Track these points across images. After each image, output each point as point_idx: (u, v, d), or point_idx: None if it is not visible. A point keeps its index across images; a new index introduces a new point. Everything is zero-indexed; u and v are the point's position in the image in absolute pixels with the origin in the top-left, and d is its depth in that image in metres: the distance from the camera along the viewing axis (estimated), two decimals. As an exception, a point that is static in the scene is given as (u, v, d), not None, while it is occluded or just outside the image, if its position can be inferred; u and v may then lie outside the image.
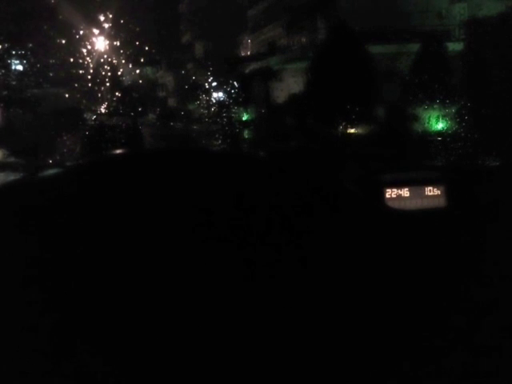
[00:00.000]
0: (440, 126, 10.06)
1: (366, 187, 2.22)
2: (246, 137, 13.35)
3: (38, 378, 0.90)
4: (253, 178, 1.14)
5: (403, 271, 1.16)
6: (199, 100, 15.25)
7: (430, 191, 2.20)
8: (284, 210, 1.10)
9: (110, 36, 13.43)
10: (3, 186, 1.13)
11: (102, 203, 1.02)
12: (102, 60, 13.38)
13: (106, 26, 13.21)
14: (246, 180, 1.13)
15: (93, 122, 12.02)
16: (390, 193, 2.18)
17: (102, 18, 13.10)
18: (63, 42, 12.89)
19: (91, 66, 13.22)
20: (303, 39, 15.62)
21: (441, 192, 2.20)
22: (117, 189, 1.04)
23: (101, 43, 13.30)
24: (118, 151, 1.31)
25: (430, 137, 9.57)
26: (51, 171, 1.21)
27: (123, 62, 14.19)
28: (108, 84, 13.55)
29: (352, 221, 1.19)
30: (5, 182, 1.19)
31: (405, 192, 2.17)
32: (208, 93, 15.27)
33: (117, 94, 13.73)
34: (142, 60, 15.26)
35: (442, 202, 2.19)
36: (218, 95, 15.06)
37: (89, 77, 13.22)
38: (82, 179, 1.07)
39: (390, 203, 2.13)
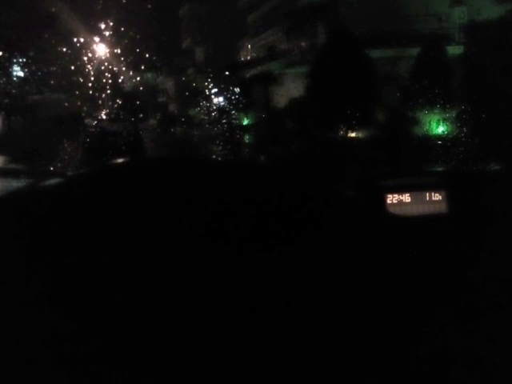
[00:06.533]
0: (440, 130, 10.07)
1: (367, 193, 2.22)
2: (247, 141, 13.37)
3: (38, 378, 0.90)
4: (253, 186, 1.14)
5: (405, 278, 1.16)
6: (200, 105, 15.27)
7: (432, 196, 2.20)
8: (285, 217, 1.11)
9: (111, 43, 13.47)
10: (5, 195, 1.14)
11: (105, 213, 1.02)
12: (102, 67, 13.41)
13: (107, 33, 13.25)
14: (246, 188, 1.13)
15: (94, 129, 12.03)
16: (391, 198, 2.18)
17: (102, 26, 13.13)
18: (64, 49, 12.93)
19: (92, 73, 13.24)
20: (303, 44, 15.66)
21: (442, 197, 2.20)
22: (119, 199, 1.05)
23: (101, 50, 13.33)
24: (119, 160, 1.31)
25: (430, 141, 9.57)
26: (53, 180, 1.21)
27: (124, 68, 14.22)
28: (109, 91, 13.58)
29: (353, 227, 1.19)
30: (7, 189, 1.19)
31: (406, 197, 2.17)
32: (208, 98, 15.30)
33: (117, 100, 13.76)
34: (142, 67, 15.30)
35: (443, 208, 2.19)
36: (218, 100, 15.09)
37: (90, 84, 13.25)
38: (83, 189, 1.07)
39: (391, 209, 2.13)
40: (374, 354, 1.02)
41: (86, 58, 13.16)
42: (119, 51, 13.77)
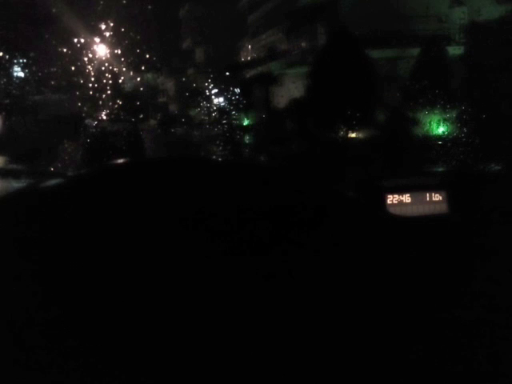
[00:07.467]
0: (441, 130, 10.07)
1: (367, 193, 2.22)
2: (247, 142, 13.37)
3: (36, 375, 0.90)
4: (253, 186, 1.14)
5: (405, 278, 1.16)
6: (200, 106, 15.27)
7: (432, 197, 2.20)
8: (284, 219, 1.11)
9: (111, 44, 13.48)
10: (6, 196, 1.14)
11: (105, 213, 1.02)
12: (103, 68, 13.41)
13: (107, 34, 13.26)
14: (245, 189, 1.13)
15: (94, 129, 12.03)
16: (392, 199, 2.18)
17: (103, 27, 13.14)
18: (64, 50, 12.94)
19: (92, 73, 13.25)
20: (303, 44, 15.66)
21: (442, 198, 2.20)
22: (119, 199, 1.05)
23: (102, 51, 13.34)
24: (119, 160, 1.31)
25: (430, 141, 9.57)
26: (53, 181, 1.21)
27: (124, 69, 14.22)
28: (109, 91, 13.57)
29: (352, 227, 1.19)
30: (7, 190, 1.19)
31: (406, 198, 2.18)
32: (209, 99, 15.30)
33: (118, 100, 13.75)
34: (142, 67, 15.31)
35: (443, 208, 2.19)
36: (218, 101, 15.09)
37: (90, 84, 13.25)
38: (83, 190, 1.07)
39: (391, 209, 2.14)
40: (372, 352, 1.02)
41: (86, 59, 13.18)
42: (119, 52, 13.78)
